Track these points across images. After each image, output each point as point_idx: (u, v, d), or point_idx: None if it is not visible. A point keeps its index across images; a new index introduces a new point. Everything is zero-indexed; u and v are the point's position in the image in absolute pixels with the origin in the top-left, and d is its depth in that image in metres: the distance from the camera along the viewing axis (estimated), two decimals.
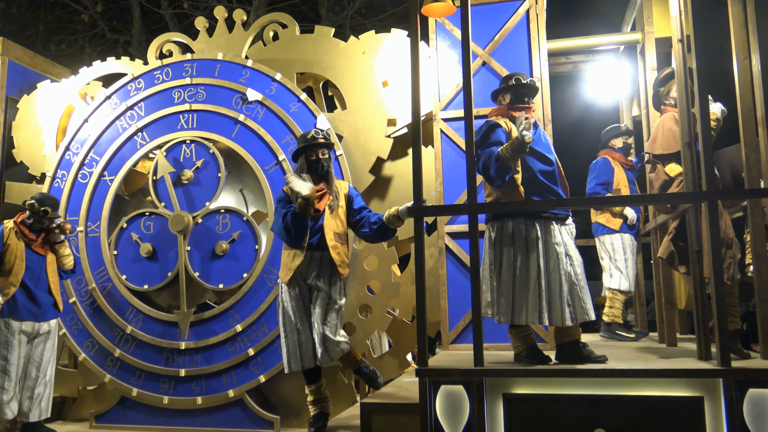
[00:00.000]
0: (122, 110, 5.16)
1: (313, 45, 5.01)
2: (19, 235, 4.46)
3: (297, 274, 3.76)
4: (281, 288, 3.84)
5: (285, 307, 3.78)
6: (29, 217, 4.48)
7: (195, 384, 4.71)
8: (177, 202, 4.87)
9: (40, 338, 4.49)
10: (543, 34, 4.52)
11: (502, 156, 3.32)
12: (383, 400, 3.65)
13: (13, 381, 4.33)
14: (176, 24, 11.75)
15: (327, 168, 3.87)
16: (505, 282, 3.43)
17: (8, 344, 4.32)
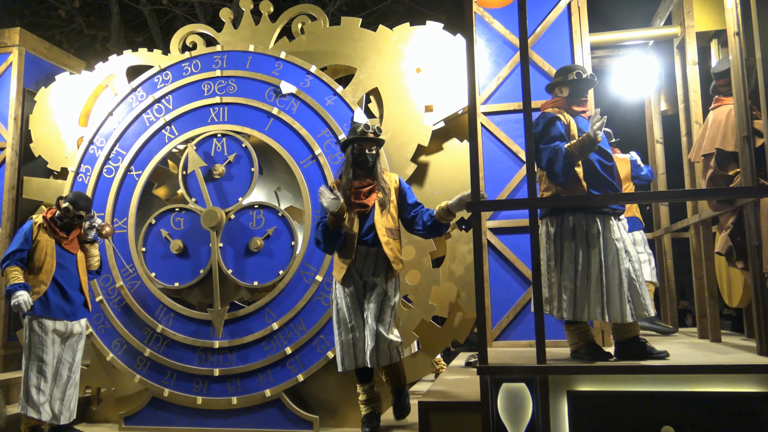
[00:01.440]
0: (149, 103, 5.01)
1: (343, 36, 4.90)
2: (49, 231, 4.31)
3: (352, 270, 3.68)
4: (335, 285, 3.75)
5: (339, 305, 3.69)
6: (60, 217, 4.32)
7: (230, 384, 4.60)
8: (209, 197, 4.75)
9: (73, 339, 4.35)
10: (585, 26, 4.46)
11: (570, 152, 3.27)
12: (440, 398, 3.58)
13: (48, 382, 4.19)
14: (155, 20, 11.55)
15: (373, 163, 3.78)
16: (567, 278, 3.37)
17: (43, 344, 4.18)
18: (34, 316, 4.19)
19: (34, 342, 4.18)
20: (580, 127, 3.50)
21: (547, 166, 3.36)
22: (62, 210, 4.32)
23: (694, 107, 4.58)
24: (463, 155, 4.75)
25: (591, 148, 3.24)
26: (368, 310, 3.63)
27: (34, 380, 4.15)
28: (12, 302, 4.07)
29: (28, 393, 4.14)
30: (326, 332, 4.49)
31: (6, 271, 4.18)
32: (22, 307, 4.06)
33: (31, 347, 4.18)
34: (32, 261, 4.25)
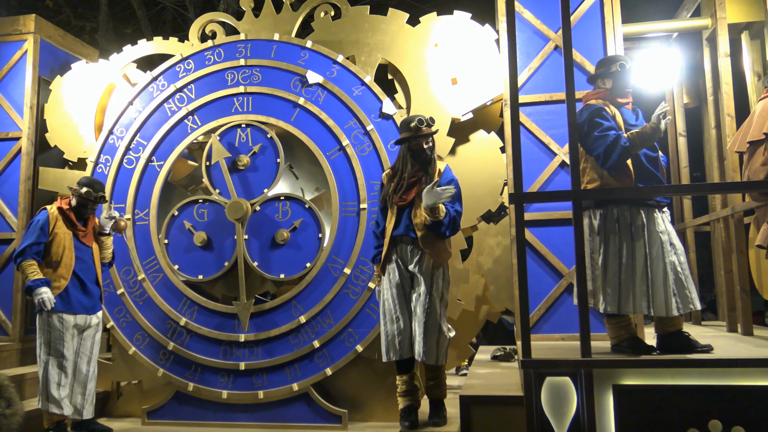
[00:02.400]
0: (171, 92, 4.91)
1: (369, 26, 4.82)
2: (67, 223, 4.19)
3: (398, 261, 3.62)
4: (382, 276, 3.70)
5: (384, 295, 3.64)
6: (80, 203, 4.21)
7: (256, 377, 4.53)
8: (233, 188, 4.66)
9: (89, 331, 4.25)
10: (618, 17, 4.41)
11: (631, 141, 3.24)
12: (480, 392, 3.53)
13: (69, 377, 4.10)
14: (144, 11, 11.41)
15: (430, 156, 3.74)
16: (612, 270, 3.34)
17: (63, 340, 4.08)
18: (54, 311, 4.08)
19: (54, 338, 4.07)
20: (626, 118, 3.46)
21: (603, 155, 3.31)
22: (81, 195, 4.19)
23: (726, 100, 4.54)
24: (490, 147, 4.72)
25: (653, 138, 3.21)
26: (416, 304, 3.58)
27: (55, 376, 4.06)
28: (36, 299, 3.96)
29: (48, 389, 4.04)
30: (355, 326, 4.44)
31: (23, 266, 4.04)
32: (47, 305, 3.96)
33: (51, 343, 4.07)
34: (49, 254, 4.11)
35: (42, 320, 4.09)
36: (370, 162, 4.55)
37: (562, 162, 4.40)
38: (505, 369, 4.43)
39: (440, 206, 3.55)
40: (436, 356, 3.57)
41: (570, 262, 4.34)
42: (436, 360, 3.57)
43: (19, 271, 4.07)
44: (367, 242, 4.47)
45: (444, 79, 4.67)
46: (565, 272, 4.31)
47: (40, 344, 4.08)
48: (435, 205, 3.53)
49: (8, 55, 5.44)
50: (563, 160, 4.40)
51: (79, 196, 4.21)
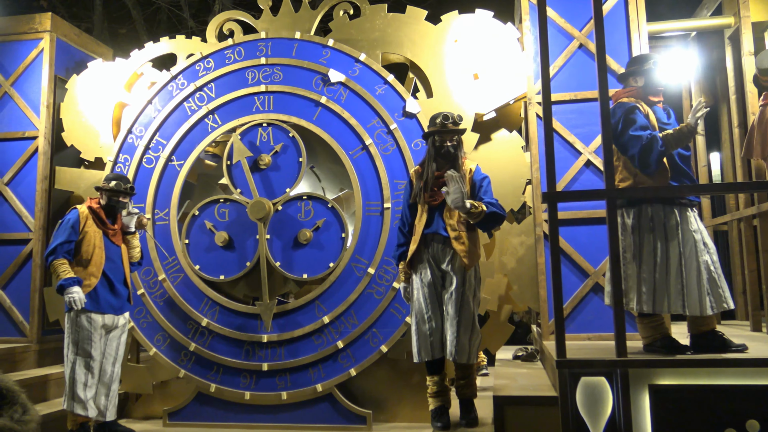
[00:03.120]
0: (190, 91, 4.88)
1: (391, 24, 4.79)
2: (97, 221, 4.16)
3: (430, 260, 3.59)
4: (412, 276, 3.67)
5: (416, 295, 3.61)
6: (110, 198, 4.18)
7: (279, 378, 4.50)
8: (255, 188, 4.63)
9: (116, 332, 4.22)
10: (643, 16, 4.39)
11: (666, 141, 3.22)
12: (512, 392, 3.52)
13: (95, 378, 4.07)
14: (139, 11, 11.37)
15: (455, 153, 3.70)
16: (647, 270, 3.32)
17: (91, 339, 4.04)
18: (82, 311, 4.05)
19: (82, 337, 4.04)
20: (658, 117, 3.44)
21: (639, 157, 3.28)
22: (111, 189, 4.16)
23: (751, 98, 4.54)
24: (512, 146, 4.69)
25: (689, 137, 3.19)
26: (448, 303, 3.55)
27: (82, 377, 4.02)
28: (66, 298, 3.92)
29: (74, 390, 4.00)
30: (379, 326, 4.41)
31: (54, 265, 4.01)
32: (77, 304, 3.93)
33: (79, 343, 4.04)
34: (80, 253, 4.09)
35: (70, 320, 4.05)
36: (393, 161, 4.52)
37: (587, 161, 4.39)
38: (531, 369, 4.41)
39: (475, 204, 3.50)
40: (468, 355, 3.54)
41: (595, 261, 4.33)
42: (468, 359, 3.54)
43: (51, 270, 4.03)
44: (392, 242, 4.43)
45: (466, 77, 4.65)
46: (591, 271, 4.30)
47: (68, 344, 4.05)
48: (464, 206, 3.48)
49: (24, 54, 5.40)
50: (588, 159, 4.39)
51: (108, 190, 4.18)
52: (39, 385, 4.75)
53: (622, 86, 3.67)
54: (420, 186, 3.72)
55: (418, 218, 3.69)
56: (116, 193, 4.18)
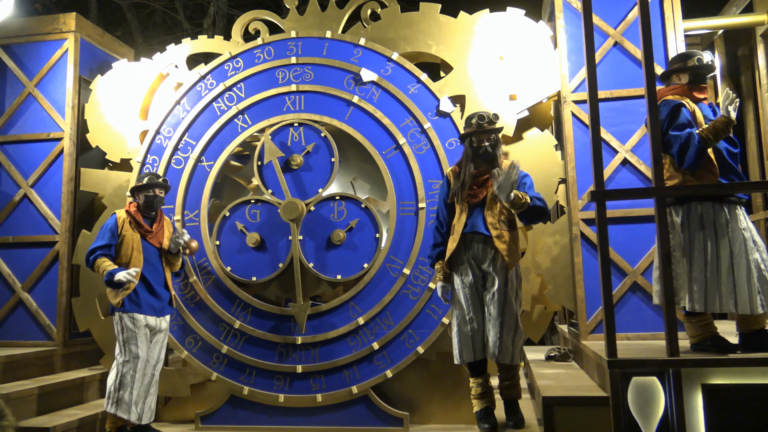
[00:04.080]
0: (220, 91, 4.83)
1: (420, 23, 4.76)
2: (133, 225, 4.13)
3: (470, 261, 3.55)
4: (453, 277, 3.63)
5: (457, 296, 3.57)
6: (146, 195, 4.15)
7: (313, 380, 4.46)
8: (287, 188, 4.59)
9: (159, 336, 4.17)
10: (678, 13, 4.37)
11: (703, 138, 3.19)
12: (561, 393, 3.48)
13: (138, 380, 4.01)
14: (134, 14, 11.32)
15: (493, 153, 3.66)
16: (698, 268, 3.29)
17: (137, 339, 4.00)
18: (125, 312, 4.01)
19: (127, 338, 4.00)
20: (705, 114, 3.42)
21: (678, 154, 3.27)
22: (145, 184, 4.14)
23: None
24: (544, 145, 4.66)
25: (726, 131, 3.16)
26: (491, 304, 3.51)
27: (128, 379, 3.97)
28: (116, 278, 3.88)
29: (119, 392, 3.96)
30: (415, 327, 4.37)
31: (96, 263, 3.99)
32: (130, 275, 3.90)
33: (125, 343, 4.00)
34: (119, 256, 4.07)
35: (116, 321, 4.03)
36: (427, 161, 4.49)
37: (624, 159, 4.37)
38: (567, 369, 4.38)
39: (519, 194, 3.46)
40: (512, 356, 3.51)
41: (633, 260, 4.30)
42: (512, 360, 3.51)
43: (94, 271, 4.02)
44: (427, 242, 4.40)
45: (498, 76, 4.61)
46: (629, 270, 4.27)
47: (117, 345, 4.02)
48: (508, 195, 3.44)
49: (48, 55, 5.35)
50: (625, 157, 4.36)
51: (143, 186, 4.16)
52: (72, 389, 4.70)
53: (664, 84, 3.64)
54: (458, 185, 3.68)
55: (456, 218, 3.65)
56: (150, 187, 4.15)
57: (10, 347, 5.00)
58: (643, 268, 4.25)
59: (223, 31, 11.73)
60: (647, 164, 4.31)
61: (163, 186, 4.24)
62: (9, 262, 5.18)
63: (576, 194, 4.40)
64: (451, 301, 3.66)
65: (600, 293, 4.25)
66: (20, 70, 5.38)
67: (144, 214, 4.20)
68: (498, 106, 4.55)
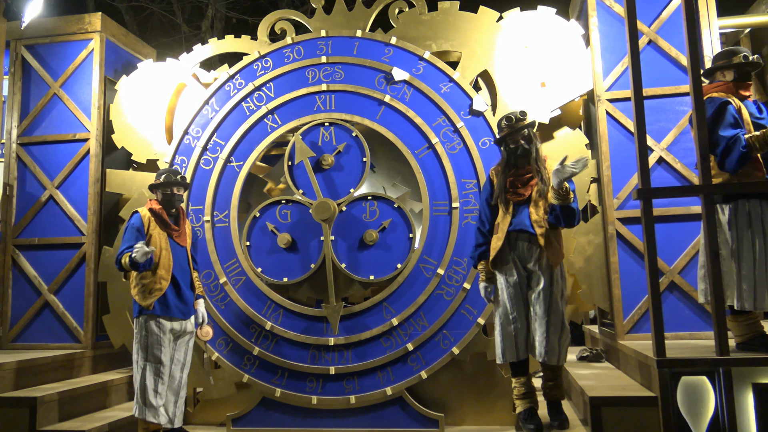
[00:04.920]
0: (249, 91, 4.80)
1: (449, 22, 4.73)
2: (159, 224, 4.07)
3: (515, 260, 3.52)
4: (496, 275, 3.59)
5: (500, 296, 3.53)
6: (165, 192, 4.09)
7: (346, 382, 4.42)
8: (319, 188, 4.55)
9: (184, 338, 4.14)
10: (713, 11, 4.35)
11: (750, 144, 3.16)
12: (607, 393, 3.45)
13: (166, 384, 3.98)
14: (132, 16, 11.28)
15: (529, 148, 3.63)
16: (746, 266, 3.26)
17: (161, 344, 3.95)
18: (151, 316, 3.96)
19: (151, 343, 3.95)
20: (751, 111, 3.39)
21: (722, 155, 3.24)
22: (163, 183, 4.09)
23: None
24: (576, 143, 4.62)
25: None
26: (536, 303, 3.47)
27: (152, 383, 3.93)
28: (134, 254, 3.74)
29: (146, 396, 3.91)
30: (449, 327, 4.34)
31: (122, 261, 3.89)
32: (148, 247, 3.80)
33: (148, 348, 3.95)
34: None
35: (139, 325, 3.97)
36: (460, 160, 4.46)
37: (660, 158, 4.34)
38: (603, 369, 4.35)
39: (567, 186, 3.42)
40: (558, 356, 3.47)
41: (670, 259, 4.27)
42: (558, 360, 3.47)
43: (125, 268, 3.90)
44: (461, 242, 4.37)
45: (530, 74, 4.58)
46: (666, 270, 4.24)
47: (137, 350, 3.96)
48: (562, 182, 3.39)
49: (73, 55, 5.32)
50: (660, 156, 4.33)
51: (161, 184, 4.11)
52: (101, 392, 4.66)
53: (707, 81, 3.61)
54: (501, 186, 3.64)
55: (501, 217, 3.61)
56: (169, 185, 4.10)
57: (37, 350, 4.96)
58: (680, 267, 4.22)
59: (221, 34, 11.72)
60: (683, 162, 4.29)
61: (182, 184, 4.17)
62: (35, 264, 5.14)
63: (611, 193, 4.37)
64: (493, 300, 3.63)
65: (637, 293, 4.28)
66: (45, 70, 5.34)
67: (167, 212, 4.14)
68: (530, 105, 4.51)
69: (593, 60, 4.52)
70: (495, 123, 4.44)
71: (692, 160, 4.26)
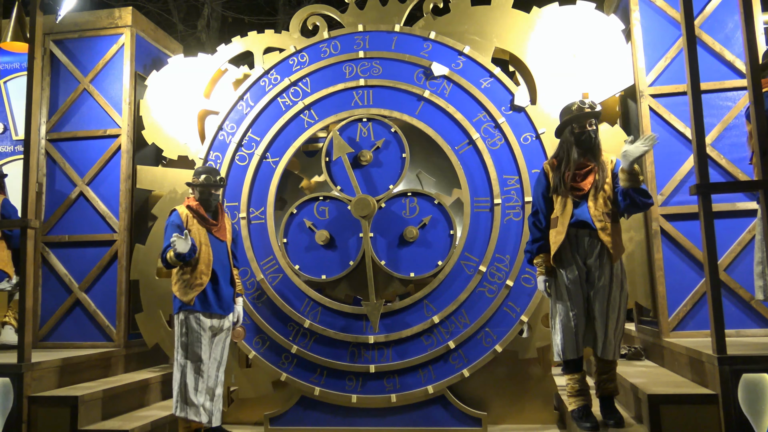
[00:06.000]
0: (285, 86, 4.74)
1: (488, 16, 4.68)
2: (198, 219, 4.02)
3: (574, 255, 3.46)
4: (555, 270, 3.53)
5: (560, 291, 3.48)
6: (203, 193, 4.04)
7: (387, 380, 4.37)
8: (358, 185, 4.50)
9: (221, 335, 4.08)
10: (758, 4, 4.30)
11: None
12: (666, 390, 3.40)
13: (205, 382, 3.92)
14: None
15: (596, 140, 3.58)
16: None
17: (200, 342, 3.90)
18: (191, 312, 3.91)
19: (191, 340, 3.90)
20: None
21: None
22: (202, 184, 4.03)
23: None
24: (616, 140, 4.55)
25: None
26: (596, 299, 3.42)
27: (192, 381, 3.88)
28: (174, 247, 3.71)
29: (187, 394, 3.86)
30: (492, 325, 4.29)
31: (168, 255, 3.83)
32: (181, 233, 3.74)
33: (188, 345, 3.89)
34: None
35: (179, 322, 3.92)
36: (502, 156, 4.41)
37: None
38: (649, 368, 4.30)
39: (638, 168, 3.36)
40: (614, 351, 3.43)
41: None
42: (614, 355, 3.43)
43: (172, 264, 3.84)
44: (503, 238, 4.33)
45: (569, 70, 4.53)
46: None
47: (177, 347, 3.90)
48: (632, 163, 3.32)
49: (103, 50, 5.25)
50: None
51: (200, 185, 4.05)
52: (139, 391, 4.61)
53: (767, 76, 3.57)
54: (559, 177, 3.58)
55: (560, 211, 3.54)
56: (207, 186, 4.05)
57: (69, 348, 4.89)
58: (725, 264, 4.18)
59: (217, 33, 11.65)
60: (728, 158, 4.24)
61: (220, 185, 4.12)
62: (65, 262, 5.07)
63: (655, 189, 4.32)
64: (552, 296, 3.57)
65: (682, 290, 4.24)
66: (74, 65, 5.27)
67: (205, 208, 4.09)
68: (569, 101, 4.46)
69: (635, 55, 4.47)
70: (537, 118, 4.40)
71: (737, 156, 4.22)
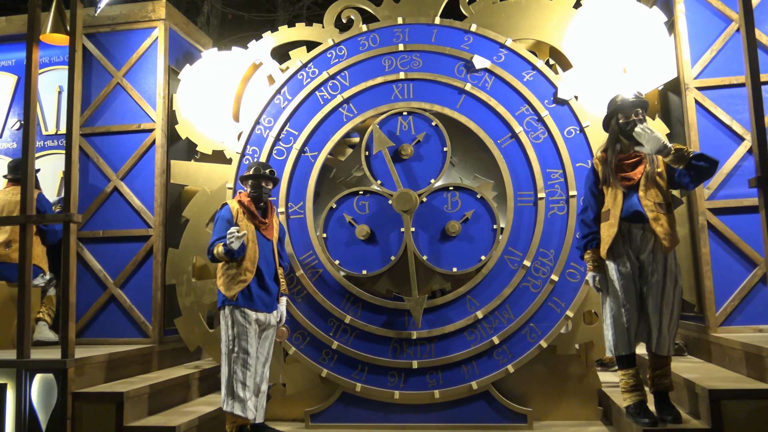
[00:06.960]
0: (323, 79, 4.69)
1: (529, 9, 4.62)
2: (247, 216, 3.98)
3: (627, 249, 3.41)
4: (606, 265, 3.49)
5: (612, 286, 3.43)
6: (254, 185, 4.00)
7: (430, 376, 4.33)
8: (398, 179, 4.46)
9: (268, 331, 4.04)
10: None
11: None
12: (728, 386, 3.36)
13: (253, 377, 3.88)
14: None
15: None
16: None
17: (247, 335, 3.86)
18: (236, 306, 3.87)
19: (238, 333, 3.85)
20: None
21: None
22: (252, 175, 4.00)
23: None
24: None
25: None
26: (649, 294, 3.38)
27: (240, 375, 3.83)
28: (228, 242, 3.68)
29: (235, 389, 3.82)
30: (537, 320, 4.25)
31: (214, 252, 3.83)
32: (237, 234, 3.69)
33: (236, 339, 3.85)
34: None
35: (225, 316, 3.88)
36: (545, 150, 4.36)
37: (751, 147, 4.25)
38: (696, 363, 4.26)
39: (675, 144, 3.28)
40: (669, 346, 3.38)
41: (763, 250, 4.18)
42: (668, 350, 3.38)
43: (218, 259, 3.83)
44: (547, 233, 4.29)
45: (612, 63, 4.49)
46: (760, 261, 4.15)
47: (225, 342, 3.86)
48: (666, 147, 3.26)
49: (136, 44, 5.20)
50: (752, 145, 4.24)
51: (250, 177, 4.02)
52: (181, 386, 4.57)
53: None
54: (608, 169, 3.53)
55: (611, 203, 3.49)
56: (258, 178, 4.01)
57: (104, 345, 4.86)
58: None
59: (216, 30, 11.60)
60: None
61: (271, 178, 4.09)
62: (99, 258, 5.03)
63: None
64: (602, 291, 3.53)
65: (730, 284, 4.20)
66: (107, 59, 5.22)
67: (255, 205, 4.06)
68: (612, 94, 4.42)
69: (680, 47, 4.42)
70: (580, 112, 4.35)
71: None
